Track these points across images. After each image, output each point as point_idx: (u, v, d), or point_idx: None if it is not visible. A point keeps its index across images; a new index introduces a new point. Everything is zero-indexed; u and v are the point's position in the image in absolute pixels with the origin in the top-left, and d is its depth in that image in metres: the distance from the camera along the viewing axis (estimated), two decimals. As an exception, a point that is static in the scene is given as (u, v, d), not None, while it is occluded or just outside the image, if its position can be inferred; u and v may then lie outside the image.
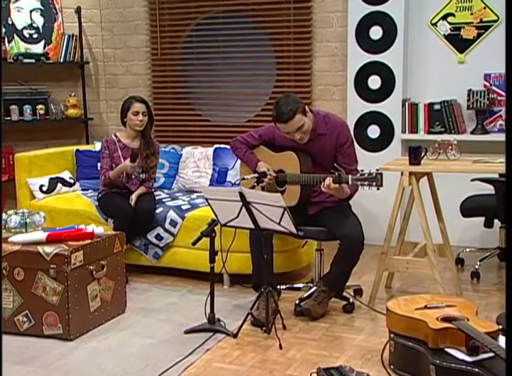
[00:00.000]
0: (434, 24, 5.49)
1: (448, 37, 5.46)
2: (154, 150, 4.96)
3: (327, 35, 5.83)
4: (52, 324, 3.70)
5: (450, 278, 4.53)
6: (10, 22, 6.10)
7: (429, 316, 3.08)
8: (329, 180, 3.77)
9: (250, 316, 3.83)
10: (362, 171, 3.70)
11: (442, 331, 2.95)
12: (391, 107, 5.55)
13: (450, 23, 5.44)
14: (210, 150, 5.49)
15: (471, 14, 5.35)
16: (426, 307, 3.22)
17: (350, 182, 3.73)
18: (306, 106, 4.04)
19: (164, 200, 5.03)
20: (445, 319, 3.05)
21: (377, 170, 3.67)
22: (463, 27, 5.39)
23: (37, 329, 3.72)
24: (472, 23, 5.35)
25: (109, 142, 4.92)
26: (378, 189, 3.65)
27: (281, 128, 4.01)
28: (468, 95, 5.30)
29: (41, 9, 6.25)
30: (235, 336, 3.72)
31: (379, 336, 3.71)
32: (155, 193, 5.13)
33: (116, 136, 4.96)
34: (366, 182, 3.66)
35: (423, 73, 5.60)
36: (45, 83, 6.33)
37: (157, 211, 4.82)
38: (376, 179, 3.63)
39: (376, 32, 5.51)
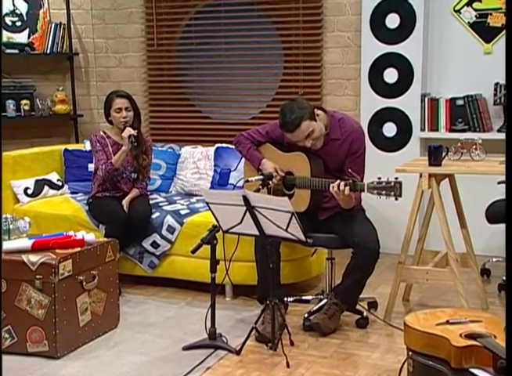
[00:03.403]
0: (458, 11, 5.48)
1: (473, 26, 5.45)
2: (146, 148, 4.97)
3: (339, 24, 5.83)
4: (37, 341, 3.69)
5: (475, 290, 4.52)
6: (-10, 8, 6.11)
7: (451, 333, 3.06)
8: (343, 185, 3.76)
9: (254, 331, 3.82)
10: (379, 178, 3.68)
11: (466, 349, 2.93)
12: (408, 103, 5.54)
13: (476, 10, 5.42)
14: (211, 150, 5.48)
15: (500, -2, 5.35)
16: (448, 322, 3.20)
17: (366, 191, 3.72)
18: (316, 109, 4.05)
19: (160, 204, 5.03)
20: (470, 336, 3.03)
21: (396, 178, 3.66)
22: (491, 14, 5.37)
23: (20, 346, 3.71)
24: (501, 8, 5.33)
25: (99, 137, 4.94)
26: (396, 199, 3.65)
27: (289, 137, 4.05)
28: (495, 90, 5.29)
29: (25, -6, 6.26)
30: (238, 353, 3.72)
31: (396, 354, 3.70)
32: (151, 197, 5.14)
33: (104, 133, 4.99)
34: (384, 192, 3.65)
35: (445, 65, 5.58)
36: (30, 76, 6.33)
37: (153, 216, 4.82)
38: (394, 189, 3.63)
39: (393, 20, 5.50)
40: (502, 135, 5.24)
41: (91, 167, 5.09)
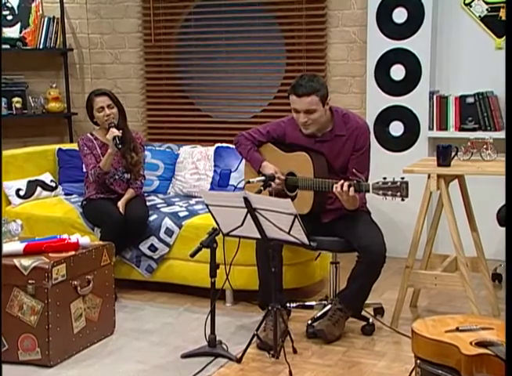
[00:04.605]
0: (468, 4, 5.47)
1: (484, 20, 5.44)
2: (135, 146, 4.97)
3: (344, 19, 5.82)
4: (29, 348, 3.68)
5: (485, 296, 4.52)
6: (-20, 1, 6.09)
7: (461, 340, 3.05)
8: (346, 186, 3.76)
9: (255, 338, 3.82)
10: (384, 179, 3.69)
11: (477, 358, 2.92)
12: (416, 101, 5.54)
13: (487, 3, 5.41)
14: (210, 150, 5.48)
15: (512, -9, 5.33)
16: (457, 329, 3.19)
17: (371, 191, 3.72)
18: (329, 101, 4.08)
19: (158, 206, 5.03)
20: (481, 343, 3.02)
21: (402, 178, 3.66)
22: (503, 7, 5.36)
23: (11, 354, 3.69)
24: (514, 1, 5.33)
25: (86, 140, 4.96)
26: (403, 199, 3.65)
27: (291, 101, 4.04)
28: (506, 87, 5.28)
29: (16, -13, 6.25)
30: (239, 361, 3.72)
31: (403, 362, 3.69)
32: (148, 198, 5.14)
33: (92, 135, 5.00)
34: (389, 192, 3.66)
35: (455, 61, 5.58)
36: (22, 72, 6.33)
37: (151, 218, 4.81)
38: (400, 189, 3.64)
39: (400, 15, 5.50)
40: (514, 135, 5.25)
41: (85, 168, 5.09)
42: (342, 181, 3.81)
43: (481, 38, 5.45)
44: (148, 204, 5.01)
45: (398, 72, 5.57)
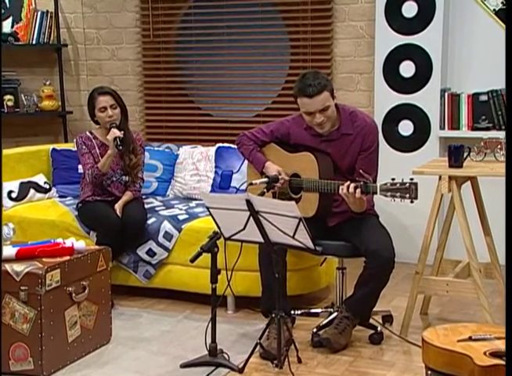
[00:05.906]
0: (482, -2, 5.48)
1: (498, 13, 5.44)
2: (134, 147, 4.96)
3: (351, 13, 5.82)
4: (21, 358, 3.68)
5: (500, 304, 4.51)
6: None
7: (475, 350, 3.04)
8: (353, 187, 3.76)
9: (258, 347, 3.82)
10: (393, 180, 3.68)
11: (491, 369, 2.91)
12: (427, 99, 5.53)
13: (501, -4, 5.43)
14: (211, 150, 5.48)
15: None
16: (470, 339, 3.18)
17: (378, 193, 3.72)
18: (336, 94, 4.08)
19: (157, 208, 5.03)
20: (495, 354, 3.01)
21: (411, 179, 3.66)
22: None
23: (2, 364, 3.67)
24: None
25: (85, 138, 4.95)
26: (412, 202, 3.65)
27: (302, 104, 4.01)
28: (521, 84, 5.28)
29: (7, -21, 6.26)
30: (241, 371, 3.71)
31: (413, 373, 3.69)
32: (146, 201, 5.14)
33: (91, 133, 4.99)
34: (398, 194, 3.66)
35: (467, 57, 5.57)
36: (14, 69, 6.34)
37: (149, 221, 4.81)
38: (409, 190, 3.63)
39: (410, 8, 5.49)
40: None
41: (81, 168, 5.08)
42: (348, 182, 3.81)
43: (496, 33, 5.43)
44: (146, 206, 5.01)
45: (407, 69, 5.56)
